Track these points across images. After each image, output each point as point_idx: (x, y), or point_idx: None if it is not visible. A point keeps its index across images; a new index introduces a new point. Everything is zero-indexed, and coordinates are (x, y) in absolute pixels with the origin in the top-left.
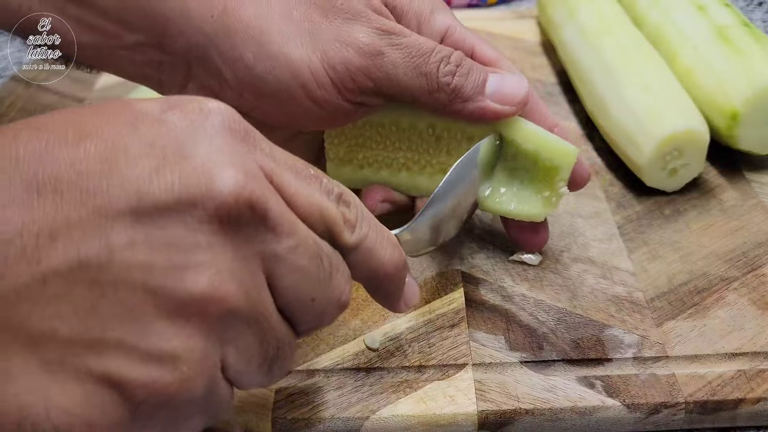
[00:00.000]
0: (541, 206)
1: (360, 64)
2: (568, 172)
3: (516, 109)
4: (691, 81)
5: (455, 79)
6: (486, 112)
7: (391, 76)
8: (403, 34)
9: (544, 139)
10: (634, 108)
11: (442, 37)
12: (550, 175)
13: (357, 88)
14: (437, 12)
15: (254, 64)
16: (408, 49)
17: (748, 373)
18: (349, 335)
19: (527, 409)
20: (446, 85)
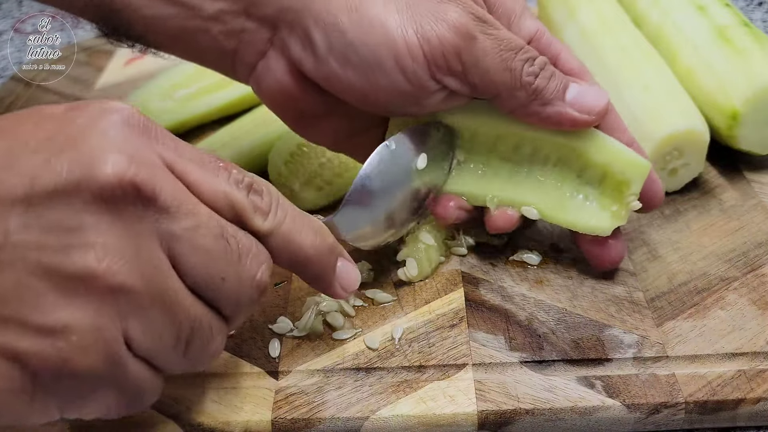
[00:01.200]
0: (608, 220)
1: (454, 42)
2: (640, 185)
3: (594, 120)
4: (691, 81)
5: (537, 81)
6: (563, 117)
7: (480, 63)
8: (495, 26)
9: (617, 151)
10: (634, 108)
11: (530, 40)
12: (620, 189)
13: (446, 66)
14: (526, 14)
15: (348, 28)
16: (499, 41)
17: (748, 373)
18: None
19: (527, 409)
20: (528, 85)
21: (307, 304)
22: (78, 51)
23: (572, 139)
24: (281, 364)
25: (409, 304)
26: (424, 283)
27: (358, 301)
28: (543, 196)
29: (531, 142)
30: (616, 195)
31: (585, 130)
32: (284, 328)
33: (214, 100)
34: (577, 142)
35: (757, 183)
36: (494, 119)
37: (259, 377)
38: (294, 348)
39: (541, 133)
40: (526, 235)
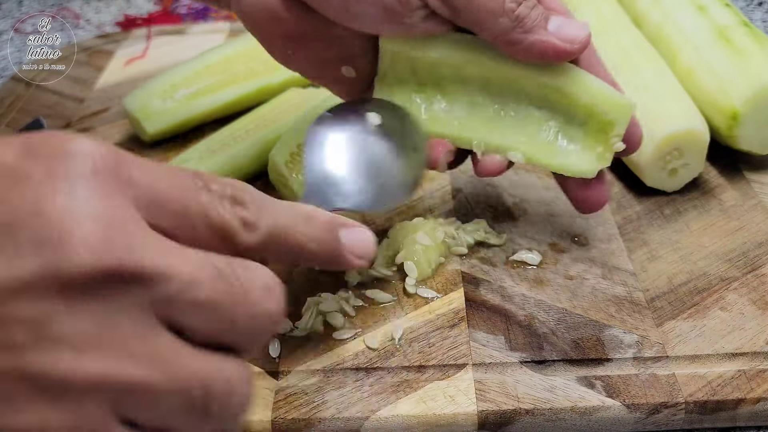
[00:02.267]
0: (593, 162)
1: None
2: (624, 126)
3: (576, 50)
4: (691, 81)
5: (520, 8)
6: (546, 45)
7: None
8: None
9: (602, 92)
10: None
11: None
12: (604, 130)
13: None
14: None
15: None
16: None
17: (748, 373)
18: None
19: (527, 409)
20: (511, 11)
21: (307, 304)
22: (78, 51)
23: (556, 79)
24: (281, 364)
25: (409, 304)
26: (423, 283)
27: (359, 301)
28: (527, 140)
29: (515, 82)
30: (600, 136)
31: (569, 71)
32: (284, 328)
33: (214, 100)
34: (561, 81)
35: (757, 183)
36: (479, 56)
37: (259, 377)
38: (294, 348)
39: (525, 71)
40: (526, 235)
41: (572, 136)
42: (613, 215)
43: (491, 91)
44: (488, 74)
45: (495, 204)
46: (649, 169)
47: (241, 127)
